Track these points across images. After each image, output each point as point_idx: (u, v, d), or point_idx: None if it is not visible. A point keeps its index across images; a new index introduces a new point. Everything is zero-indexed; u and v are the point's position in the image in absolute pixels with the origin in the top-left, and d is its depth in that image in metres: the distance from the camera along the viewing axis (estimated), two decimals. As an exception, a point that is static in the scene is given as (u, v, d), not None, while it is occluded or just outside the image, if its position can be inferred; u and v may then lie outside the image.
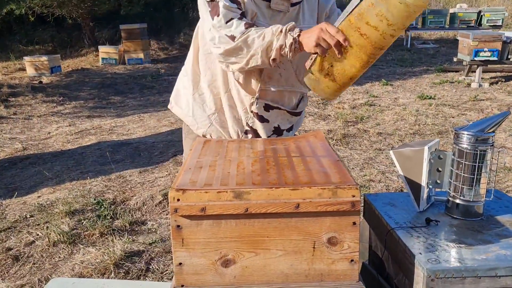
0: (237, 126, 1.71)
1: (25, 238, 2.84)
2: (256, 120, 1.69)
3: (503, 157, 3.79)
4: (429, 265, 1.19)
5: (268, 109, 1.68)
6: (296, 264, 1.19)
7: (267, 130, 1.72)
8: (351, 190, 1.14)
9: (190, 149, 1.54)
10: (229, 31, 1.47)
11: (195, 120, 1.74)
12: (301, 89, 1.73)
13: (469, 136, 1.43)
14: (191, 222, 1.16)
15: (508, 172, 3.81)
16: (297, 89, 1.72)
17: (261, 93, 1.65)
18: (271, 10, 1.57)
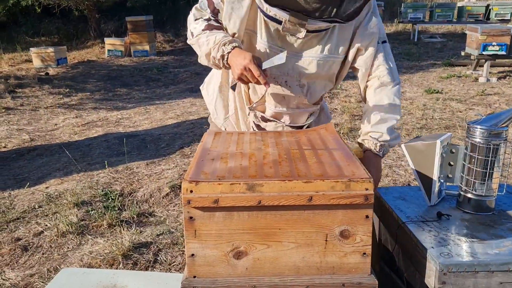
0: (246, 127, 1.73)
1: (33, 228, 2.86)
2: (255, 127, 1.70)
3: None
4: (441, 259, 1.19)
5: (265, 120, 1.67)
6: (308, 257, 1.19)
7: None
8: (364, 183, 1.14)
9: (202, 141, 1.54)
10: (193, 28, 1.54)
11: (215, 111, 1.76)
12: (308, 110, 1.68)
13: (482, 130, 1.41)
14: (203, 213, 1.16)
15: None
16: (303, 110, 1.66)
17: (259, 107, 1.64)
18: (282, 32, 1.49)
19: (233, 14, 1.49)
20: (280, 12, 1.40)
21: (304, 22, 1.40)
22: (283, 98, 1.60)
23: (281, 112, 1.63)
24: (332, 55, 1.55)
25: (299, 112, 1.64)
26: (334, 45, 1.54)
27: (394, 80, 1.61)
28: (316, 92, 1.63)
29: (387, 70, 1.59)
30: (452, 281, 1.18)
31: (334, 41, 1.54)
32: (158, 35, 12.96)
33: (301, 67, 1.55)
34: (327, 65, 1.56)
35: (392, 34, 12.88)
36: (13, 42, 12.53)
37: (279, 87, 1.58)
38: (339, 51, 1.56)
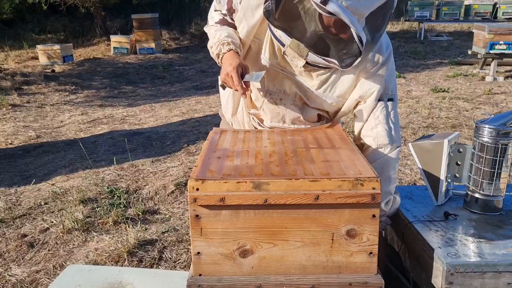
0: (248, 126, 1.72)
1: (39, 225, 2.87)
2: (253, 127, 1.70)
3: None
4: (449, 259, 1.18)
5: (263, 125, 1.67)
6: (314, 256, 1.19)
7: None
8: (371, 183, 1.13)
9: (208, 139, 1.54)
10: (210, 17, 1.60)
11: (226, 105, 1.74)
12: (306, 126, 1.64)
13: (490, 130, 1.40)
14: (210, 212, 1.16)
15: (523, 167, 3.75)
16: (300, 126, 1.63)
17: (257, 115, 1.65)
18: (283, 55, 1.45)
19: (244, 21, 1.49)
20: (284, 36, 1.36)
21: (303, 54, 1.36)
22: (278, 114, 1.59)
23: (277, 127, 1.62)
24: (327, 95, 1.51)
25: (295, 128, 1.62)
26: (331, 87, 1.49)
27: (393, 143, 1.49)
28: (313, 112, 1.60)
29: (386, 132, 1.48)
30: (460, 281, 1.18)
31: (333, 83, 1.49)
32: (163, 32, 12.98)
33: (298, 90, 1.53)
34: (321, 100, 1.54)
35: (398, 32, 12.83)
36: (20, 39, 12.58)
37: (274, 103, 1.57)
38: (335, 95, 1.51)
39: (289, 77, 1.52)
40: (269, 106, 1.58)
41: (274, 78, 1.53)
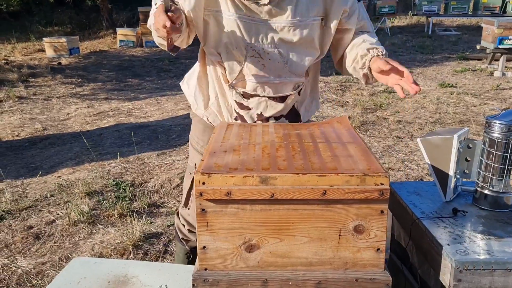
0: (228, 112, 1.68)
1: (45, 217, 2.88)
2: (238, 107, 1.64)
3: None
4: (457, 256, 1.17)
5: (247, 96, 1.61)
6: (320, 252, 1.18)
7: (250, 117, 1.64)
8: (380, 178, 1.12)
9: (214, 132, 1.53)
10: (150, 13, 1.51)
11: (195, 101, 1.73)
12: (293, 79, 1.61)
13: (501, 125, 1.38)
14: (216, 206, 1.15)
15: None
16: (287, 79, 1.59)
17: (239, 83, 1.59)
18: (249, 1, 1.45)
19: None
20: None
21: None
22: (263, 66, 1.54)
23: (263, 83, 1.57)
24: (304, 18, 1.50)
25: (281, 81, 1.58)
26: (304, 7, 1.49)
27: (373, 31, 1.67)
28: (297, 60, 1.56)
29: (369, 23, 1.65)
30: (468, 279, 1.16)
31: (304, 3, 1.48)
32: (169, 25, 12.92)
33: (274, 34, 1.50)
34: (301, 29, 1.51)
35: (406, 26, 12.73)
36: (26, 32, 12.61)
37: (257, 56, 1.53)
38: (310, 13, 1.50)
39: (261, 25, 1.49)
40: (252, 61, 1.53)
41: (249, 30, 1.50)
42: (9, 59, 9.43)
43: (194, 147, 1.86)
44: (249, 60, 1.54)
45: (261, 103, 1.61)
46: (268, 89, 1.59)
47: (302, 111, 1.74)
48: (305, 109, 1.75)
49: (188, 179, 1.86)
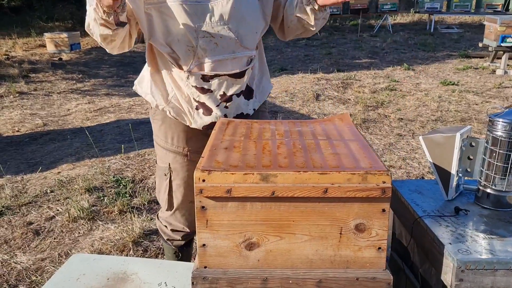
0: (187, 104, 1.66)
1: (45, 213, 2.87)
2: (199, 93, 1.62)
3: None
4: (459, 256, 1.16)
5: (206, 79, 1.60)
6: (321, 250, 1.16)
7: (214, 99, 1.63)
8: (382, 176, 1.10)
9: (215, 129, 1.51)
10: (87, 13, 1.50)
11: (154, 97, 1.70)
12: (246, 53, 1.62)
13: (504, 124, 1.37)
14: (216, 203, 1.14)
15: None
16: (240, 54, 1.60)
17: (196, 67, 1.58)
18: None
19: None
20: None
21: None
22: (216, 45, 1.55)
23: (220, 60, 1.57)
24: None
25: (235, 57, 1.59)
26: None
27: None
28: (247, 33, 1.59)
29: None
30: (470, 278, 1.15)
31: None
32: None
33: (221, 8, 1.52)
34: (245, 2, 1.55)
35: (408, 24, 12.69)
36: (27, 27, 12.58)
37: (208, 35, 1.53)
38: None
39: (207, 4, 1.51)
40: (204, 41, 1.54)
41: (195, 12, 1.51)
42: (10, 54, 9.42)
43: (161, 145, 1.80)
44: (201, 42, 1.54)
45: (222, 82, 1.61)
46: (225, 67, 1.59)
47: (255, 86, 1.75)
48: (258, 84, 1.76)
49: (163, 180, 1.80)
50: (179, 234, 1.89)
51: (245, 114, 1.72)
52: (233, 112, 1.68)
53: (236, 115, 1.70)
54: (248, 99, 1.72)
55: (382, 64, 7.97)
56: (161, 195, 1.84)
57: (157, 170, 1.87)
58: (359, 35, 10.95)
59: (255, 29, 1.63)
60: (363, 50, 9.27)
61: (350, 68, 7.62)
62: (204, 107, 1.65)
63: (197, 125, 1.68)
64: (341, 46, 9.79)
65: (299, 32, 1.72)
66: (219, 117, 1.65)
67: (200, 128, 1.69)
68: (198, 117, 1.67)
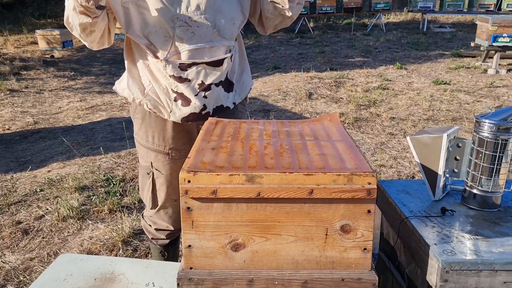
0: (165, 96, 1.66)
1: (35, 212, 2.86)
2: (177, 82, 1.62)
3: None
4: (444, 257, 1.16)
5: (184, 68, 1.60)
6: (307, 251, 1.17)
7: (192, 89, 1.63)
8: (367, 177, 1.11)
9: (202, 129, 1.51)
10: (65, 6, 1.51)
11: (131, 91, 1.70)
12: (223, 43, 1.62)
13: (490, 125, 1.37)
14: (201, 204, 1.13)
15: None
16: (218, 43, 1.60)
17: (173, 56, 1.58)
18: None
19: None
20: None
21: None
22: (193, 34, 1.56)
23: (197, 49, 1.58)
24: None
25: (213, 46, 1.59)
26: None
27: None
28: (225, 24, 1.60)
29: None
30: (455, 279, 1.16)
31: None
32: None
33: (198, 0, 1.54)
34: None
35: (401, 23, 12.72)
36: (19, 24, 12.48)
37: (185, 25, 1.55)
38: None
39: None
40: (181, 30, 1.55)
41: (172, 1, 1.53)
42: (1, 52, 9.34)
43: (142, 144, 1.79)
44: (178, 31, 1.55)
45: (200, 71, 1.61)
46: (203, 55, 1.59)
47: (235, 80, 1.75)
48: (238, 78, 1.77)
49: (146, 179, 1.80)
50: (163, 233, 1.88)
51: (225, 106, 1.73)
52: (213, 103, 1.67)
53: (216, 107, 1.69)
54: (228, 91, 1.72)
55: (375, 63, 7.99)
56: (145, 193, 1.84)
57: (140, 169, 1.87)
58: (353, 34, 10.97)
59: (232, 20, 1.64)
60: (356, 49, 9.29)
61: (343, 66, 7.63)
62: (182, 97, 1.64)
63: (176, 118, 1.67)
64: (334, 45, 9.80)
65: (277, 21, 1.73)
66: (198, 107, 1.65)
67: (179, 120, 1.67)
68: (176, 108, 1.66)
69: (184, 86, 1.62)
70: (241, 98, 1.79)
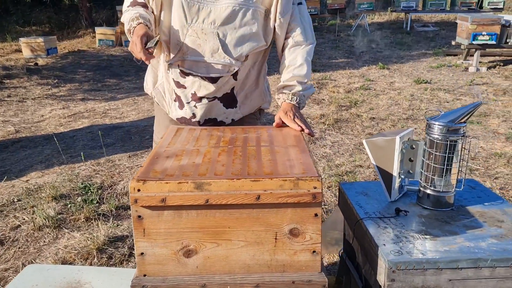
0: (169, 94, 1.78)
1: (11, 222, 2.85)
2: (175, 86, 1.72)
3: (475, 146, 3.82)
4: (390, 257, 1.19)
5: (184, 75, 1.68)
6: (258, 255, 1.19)
7: (185, 96, 1.71)
8: (312, 182, 1.14)
9: (162, 137, 1.53)
10: (123, 7, 1.69)
11: (146, 81, 1.87)
12: (225, 62, 1.64)
13: (440, 127, 1.41)
14: (152, 212, 1.16)
15: (498, 158, 3.80)
16: (220, 60, 1.64)
17: (179, 62, 1.67)
18: None
19: None
20: None
21: None
22: (199, 45, 1.62)
23: (197, 61, 1.64)
24: (247, 3, 1.59)
25: (214, 62, 1.64)
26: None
27: (307, 40, 1.71)
28: (235, 43, 1.63)
29: (301, 30, 1.69)
30: (401, 278, 1.19)
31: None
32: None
33: (217, 13, 1.59)
34: (243, 13, 1.60)
35: (385, 23, 12.82)
36: (3, 32, 12.40)
37: (195, 35, 1.61)
38: (254, 0, 1.60)
39: (206, 5, 1.59)
40: (190, 39, 1.63)
41: (191, 10, 1.60)
42: (-16, 60, 9.27)
43: (155, 140, 1.96)
44: (187, 39, 1.62)
45: (195, 82, 1.68)
46: (201, 68, 1.65)
47: (240, 97, 1.77)
48: (245, 96, 1.79)
49: None
50: None
51: (218, 120, 1.76)
52: (203, 114, 1.73)
53: (208, 118, 1.75)
54: (228, 107, 1.75)
55: (358, 63, 8.05)
56: None
57: None
58: (337, 34, 11.04)
59: (248, 42, 1.64)
60: (340, 50, 9.35)
61: (326, 68, 7.69)
62: (179, 100, 1.74)
63: (173, 116, 1.79)
64: (318, 46, 9.85)
65: None
66: (188, 114, 1.74)
67: (175, 119, 1.79)
68: (174, 108, 1.77)
69: (180, 91, 1.72)
70: (243, 115, 1.81)
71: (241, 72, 1.69)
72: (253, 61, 1.73)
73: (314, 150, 4.02)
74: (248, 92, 1.78)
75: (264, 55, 1.78)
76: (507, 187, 3.27)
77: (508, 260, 1.18)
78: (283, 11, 1.65)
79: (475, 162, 3.73)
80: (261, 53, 1.75)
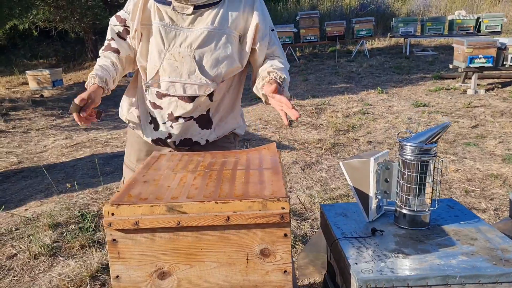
0: (144, 116, 1.84)
1: (8, 251, 2.89)
2: (151, 108, 1.78)
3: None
4: (360, 275, 1.21)
5: (161, 96, 1.75)
6: (230, 276, 1.22)
7: (161, 117, 1.77)
8: (280, 203, 1.17)
9: (143, 163, 1.58)
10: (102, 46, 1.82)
11: (121, 107, 1.94)
12: (201, 82, 1.69)
13: (412, 147, 1.45)
14: (126, 235, 1.19)
15: (494, 179, 3.80)
16: (197, 81, 1.69)
17: (154, 84, 1.73)
18: (175, 13, 1.67)
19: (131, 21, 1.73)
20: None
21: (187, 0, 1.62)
22: (176, 68, 1.69)
23: (174, 82, 1.70)
24: (222, 28, 1.67)
25: (191, 83, 1.70)
26: (224, 19, 1.68)
27: (285, 59, 1.80)
28: (211, 66, 1.69)
29: (280, 51, 1.80)
30: (372, 296, 1.21)
31: (224, 15, 1.68)
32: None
33: (194, 37, 1.67)
34: (218, 37, 1.68)
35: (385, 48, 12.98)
36: (11, 65, 12.72)
37: (173, 58, 1.68)
38: (229, 24, 1.68)
39: (182, 31, 1.68)
40: (167, 62, 1.69)
41: (168, 35, 1.68)
42: (-9, 94, 9.49)
43: (126, 163, 2.00)
44: (165, 62, 1.70)
45: (171, 103, 1.74)
46: (178, 89, 1.72)
47: (215, 119, 1.83)
48: (220, 119, 1.85)
49: None
50: None
51: (193, 140, 1.82)
52: (179, 134, 1.79)
53: (183, 138, 1.80)
54: (203, 128, 1.82)
55: (357, 88, 8.14)
56: None
57: None
58: (337, 60, 11.19)
59: (224, 64, 1.71)
60: (339, 76, 9.47)
61: (325, 93, 7.78)
62: (154, 122, 1.81)
63: (148, 139, 1.85)
64: (318, 72, 9.99)
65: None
66: (164, 135, 1.79)
67: (150, 141, 1.84)
68: (149, 130, 1.83)
69: (156, 112, 1.78)
70: (217, 136, 1.87)
71: (216, 93, 1.76)
72: (228, 85, 1.80)
73: (310, 175, 4.05)
74: (223, 115, 1.85)
75: (239, 81, 1.85)
76: (502, 208, 3.27)
77: (477, 276, 1.20)
78: (262, 36, 1.73)
79: (471, 184, 3.74)
80: (235, 78, 1.82)
